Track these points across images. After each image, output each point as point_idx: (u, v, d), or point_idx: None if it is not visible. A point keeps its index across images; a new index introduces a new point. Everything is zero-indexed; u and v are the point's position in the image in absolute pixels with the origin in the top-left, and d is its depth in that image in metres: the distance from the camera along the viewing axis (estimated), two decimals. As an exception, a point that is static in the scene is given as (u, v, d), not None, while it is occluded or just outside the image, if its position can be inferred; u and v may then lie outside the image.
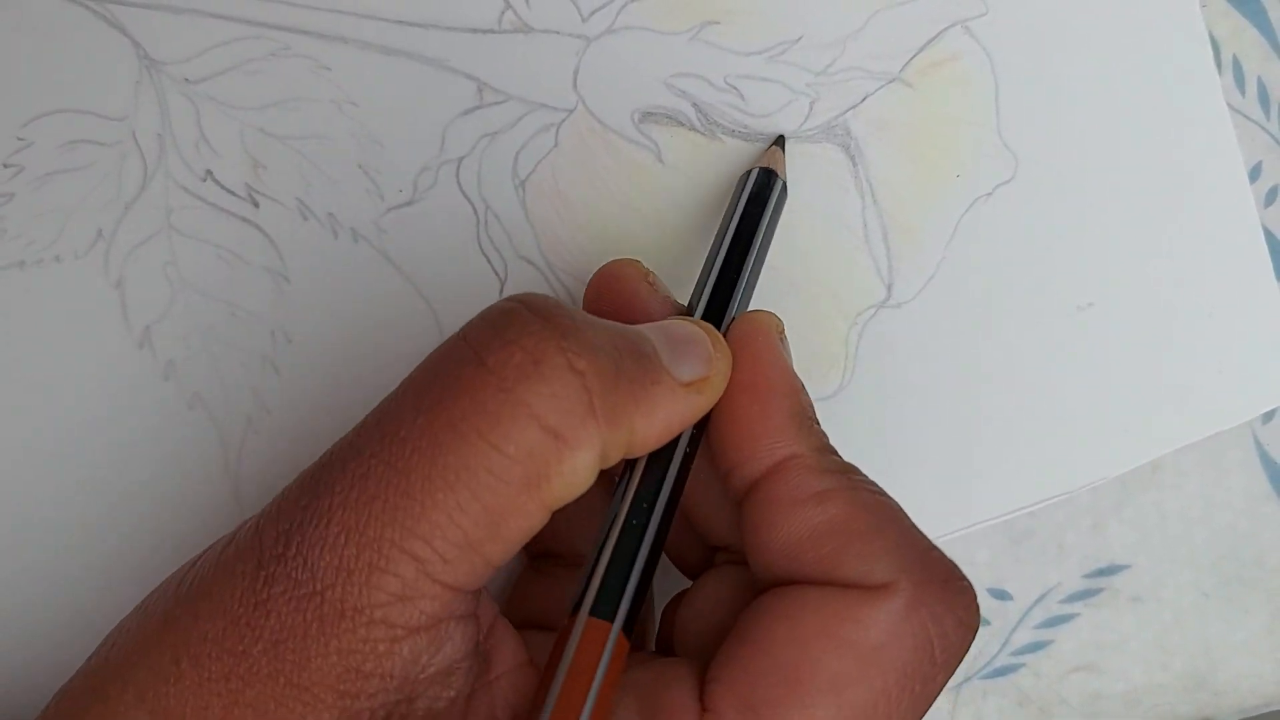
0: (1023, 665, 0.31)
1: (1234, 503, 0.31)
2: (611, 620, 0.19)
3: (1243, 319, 0.29)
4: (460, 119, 0.26)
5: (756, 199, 0.25)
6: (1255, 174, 0.30)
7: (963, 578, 0.20)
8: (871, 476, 0.27)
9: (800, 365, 0.27)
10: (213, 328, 0.26)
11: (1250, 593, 0.31)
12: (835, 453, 0.22)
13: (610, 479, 0.21)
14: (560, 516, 0.19)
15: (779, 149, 0.26)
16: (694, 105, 0.27)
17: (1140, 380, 0.28)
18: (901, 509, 0.21)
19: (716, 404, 0.21)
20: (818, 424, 0.22)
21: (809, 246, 0.27)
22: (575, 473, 0.18)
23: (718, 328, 0.23)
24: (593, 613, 0.19)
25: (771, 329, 0.22)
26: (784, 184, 0.26)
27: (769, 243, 0.25)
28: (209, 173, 0.26)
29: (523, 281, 0.27)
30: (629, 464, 0.21)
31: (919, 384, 0.28)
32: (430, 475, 0.17)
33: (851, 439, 0.27)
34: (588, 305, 0.24)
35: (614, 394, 0.18)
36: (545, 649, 0.19)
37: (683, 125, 0.27)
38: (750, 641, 0.19)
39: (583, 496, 0.19)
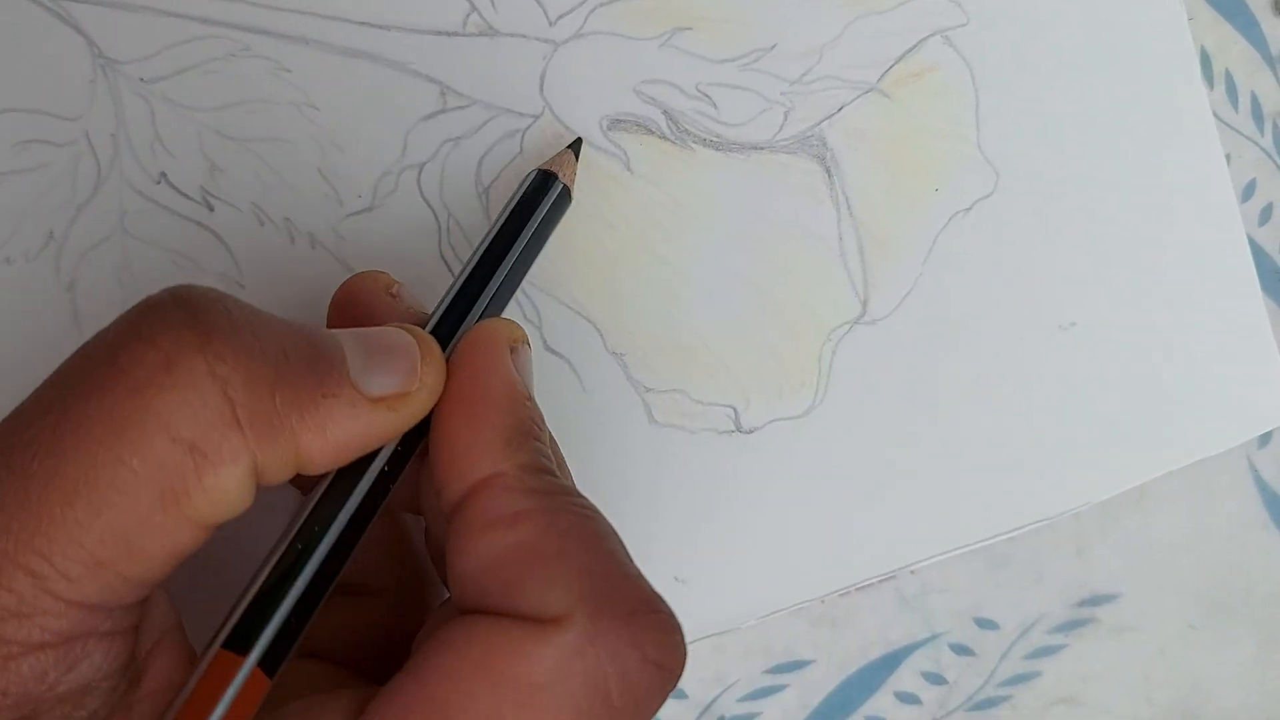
0: (1005, 699, 0.30)
1: (1223, 529, 0.30)
2: (245, 655, 0.17)
3: (1230, 340, 0.28)
4: (422, 124, 0.25)
5: (526, 204, 0.23)
6: (1249, 191, 0.29)
7: (660, 610, 0.18)
8: (843, 500, 0.27)
9: (770, 383, 0.27)
10: (165, 334, 0.25)
11: (1238, 623, 0.30)
12: (550, 471, 0.19)
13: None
14: None
15: (571, 152, 0.24)
16: (664, 113, 0.26)
17: (1125, 403, 0.28)
18: (609, 532, 0.19)
19: (433, 421, 0.19)
20: (539, 441, 0.20)
21: (782, 260, 0.27)
22: (221, 490, 0.16)
23: (451, 339, 0.21)
24: (226, 645, 0.17)
25: (498, 337, 0.20)
26: (566, 188, 0.23)
27: (535, 252, 0.23)
28: (164, 175, 0.25)
29: (485, 292, 0.26)
30: (318, 481, 0.19)
31: (894, 404, 0.27)
32: (50, 485, 0.16)
33: (822, 461, 0.27)
34: (331, 322, 0.22)
35: (267, 404, 0.17)
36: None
37: (653, 133, 0.26)
38: (412, 673, 0.18)
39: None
